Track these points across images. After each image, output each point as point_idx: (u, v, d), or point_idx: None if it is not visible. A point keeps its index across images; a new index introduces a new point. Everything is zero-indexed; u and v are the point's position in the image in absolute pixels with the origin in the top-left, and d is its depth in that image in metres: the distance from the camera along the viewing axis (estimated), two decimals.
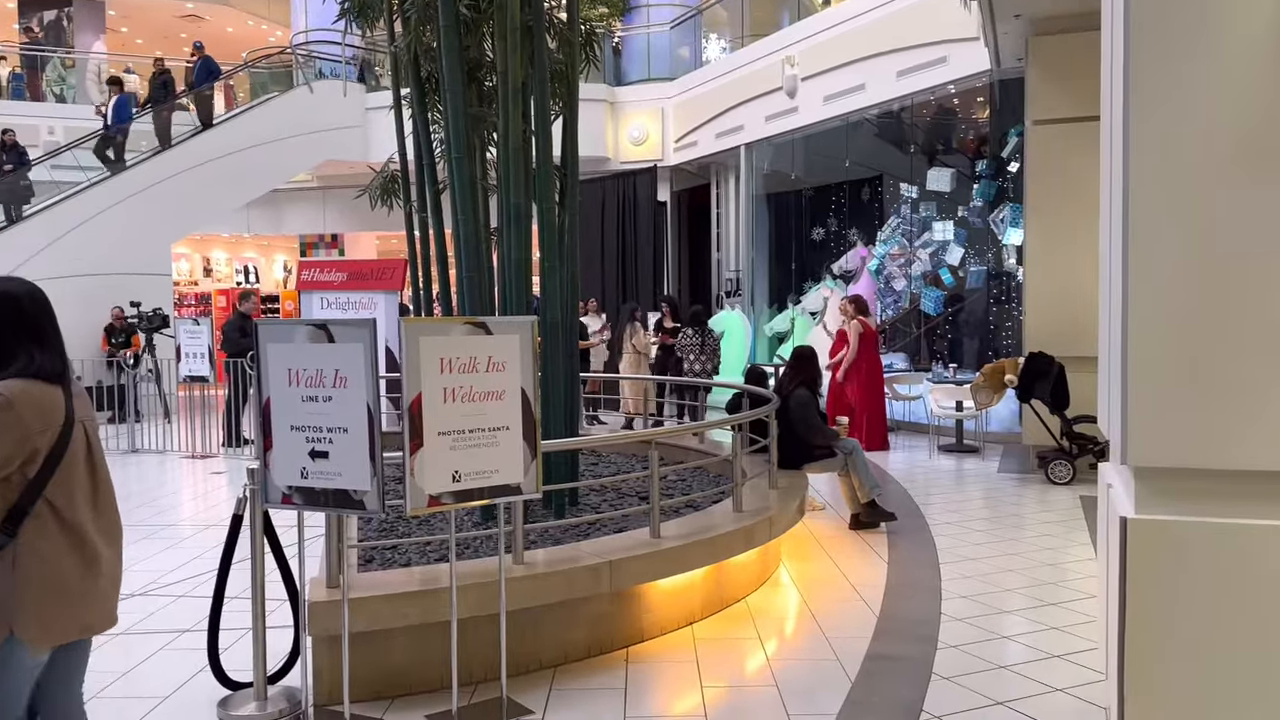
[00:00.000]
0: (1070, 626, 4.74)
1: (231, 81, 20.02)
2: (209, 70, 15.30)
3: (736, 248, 15.59)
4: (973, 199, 12.07)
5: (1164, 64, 2.84)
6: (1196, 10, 2.81)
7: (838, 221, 14.46)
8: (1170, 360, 2.82)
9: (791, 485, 6.04)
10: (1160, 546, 2.89)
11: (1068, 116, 8.80)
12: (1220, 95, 2.80)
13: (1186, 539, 2.87)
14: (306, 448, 3.68)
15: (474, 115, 6.06)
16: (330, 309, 9.37)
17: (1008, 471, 9.04)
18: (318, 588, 3.94)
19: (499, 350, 3.81)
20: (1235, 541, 2.82)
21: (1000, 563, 5.93)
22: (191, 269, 22.41)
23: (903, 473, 9.13)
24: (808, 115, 13.35)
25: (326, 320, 3.68)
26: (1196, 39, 2.82)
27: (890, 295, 13.24)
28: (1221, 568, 2.83)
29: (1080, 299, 8.57)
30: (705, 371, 11.23)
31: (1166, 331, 2.82)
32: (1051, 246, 8.83)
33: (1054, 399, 8.33)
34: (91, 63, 20.82)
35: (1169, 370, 2.82)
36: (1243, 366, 2.77)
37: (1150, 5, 2.85)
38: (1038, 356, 8.46)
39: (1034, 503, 7.74)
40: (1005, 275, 11.66)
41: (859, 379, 10.30)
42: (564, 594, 4.16)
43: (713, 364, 11.47)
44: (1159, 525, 2.87)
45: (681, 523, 4.99)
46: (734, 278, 15.67)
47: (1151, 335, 2.83)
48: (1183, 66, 2.83)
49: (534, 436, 3.89)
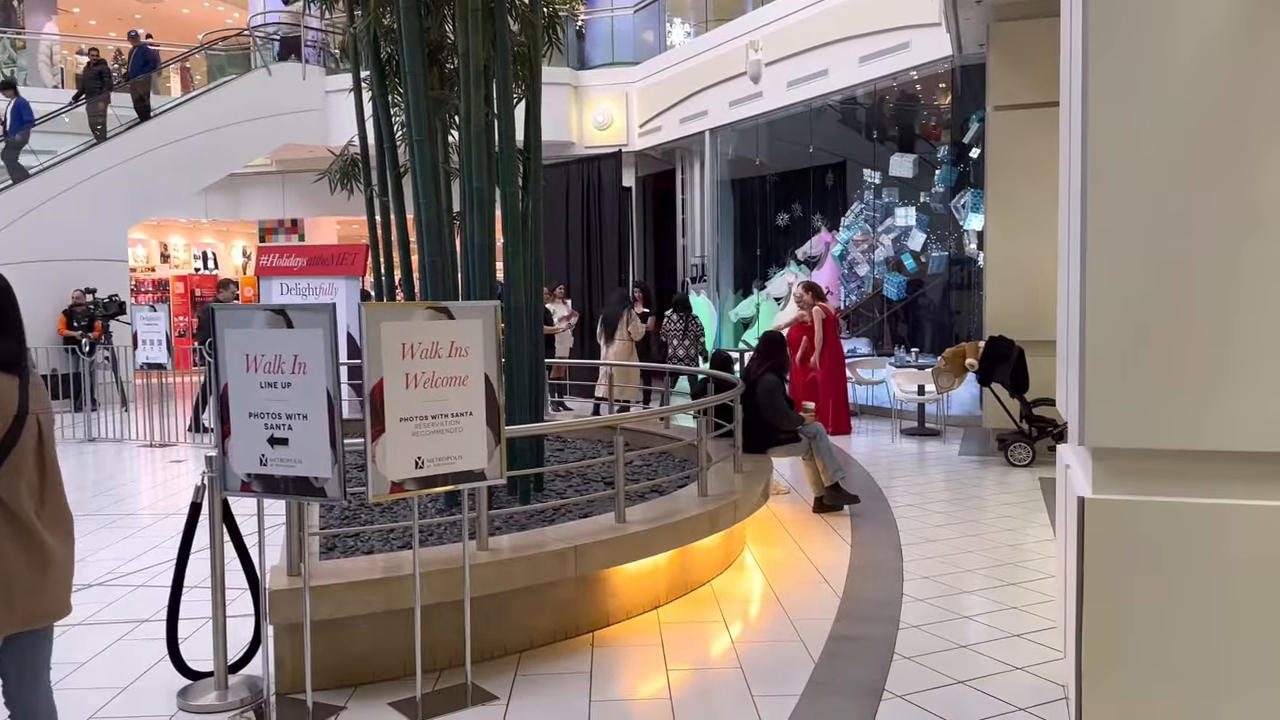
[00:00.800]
0: (1029, 606, 4.81)
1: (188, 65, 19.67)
2: (145, 60, 14.88)
3: (702, 233, 15.57)
4: (935, 185, 12.16)
5: (1121, 52, 2.87)
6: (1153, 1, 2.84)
7: (802, 207, 14.49)
8: (1126, 343, 2.86)
9: (756, 469, 6.07)
10: (1117, 526, 2.93)
11: (1028, 102, 8.87)
12: (1177, 84, 2.83)
13: (1143, 518, 2.91)
14: (265, 435, 3.62)
15: (436, 98, 5.99)
16: (290, 295, 9.25)
17: (968, 454, 9.14)
18: (279, 576, 3.89)
19: (461, 335, 3.78)
20: (1191, 521, 2.87)
21: (961, 544, 6.01)
22: (149, 255, 22.00)
23: (866, 456, 9.21)
24: (772, 100, 13.35)
25: (285, 305, 3.63)
26: (1154, 27, 2.84)
27: (854, 280, 13.31)
28: (1178, 547, 2.88)
29: (1040, 283, 8.67)
30: (689, 357, 11.32)
31: (1122, 315, 2.86)
32: (1012, 231, 8.92)
33: (1014, 382, 8.43)
34: (43, 44, 20.31)
35: (1125, 353, 2.86)
36: (1197, 349, 2.81)
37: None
38: (998, 340, 8.55)
39: (994, 485, 7.84)
40: (967, 260, 11.76)
41: (821, 363, 10.35)
42: (529, 580, 4.14)
43: (696, 348, 11.53)
44: (1116, 505, 2.92)
45: (646, 507, 4.99)
46: (699, 263, 15.67)
47: (1107, 318, 2.87)
48: (1140, 55, 2.85)
49: (498, 422, 3.87)
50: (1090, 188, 2.91)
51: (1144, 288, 2.85)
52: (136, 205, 14.68)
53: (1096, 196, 2.90)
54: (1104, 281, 2.87)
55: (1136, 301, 2.86)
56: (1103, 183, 2.89)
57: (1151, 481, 2.91)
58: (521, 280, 5.72)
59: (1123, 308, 2.86)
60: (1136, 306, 2.86)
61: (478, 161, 5.38)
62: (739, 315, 14.58)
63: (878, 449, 9.68)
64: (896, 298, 12.55)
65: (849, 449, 9.56)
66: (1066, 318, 3.46)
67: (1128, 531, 2.93)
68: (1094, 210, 2.90)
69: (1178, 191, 2.84)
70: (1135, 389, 2.87)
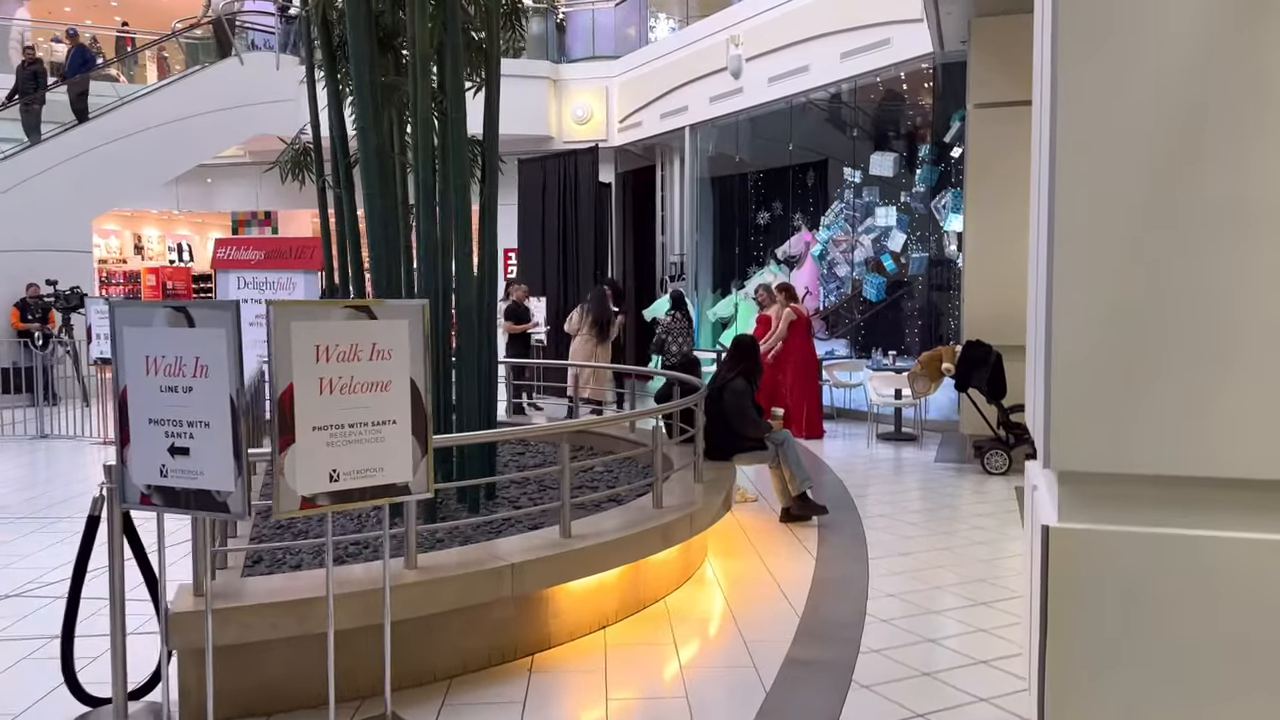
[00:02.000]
0: (999, 629, 4.54)
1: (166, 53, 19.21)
2: (83, 60, 14.41)
3: (681, 231, 15.28)
4: (916, 184, 11.90)
5: (1091, 52, 2.59)
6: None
7: (783, 206, 14.19)
8: (1097, 359, 2.58)
9: (718, 477, 5.78)
10: (1085, 557, 2.66)
11: (1008, 100, 8.62)
12: (1150, 87, 2.55)
13: (1114, 550, 2.64)
14: (166, 443, 3.31)
15: (388, 85, 5.68)
16: (247, 289, 8.91)
17: (944, 461, 8.89)
18: (184, 596, 3.58)
19: (385, 337, 3.47)
20: (1169, 554, 2.60)
21: (931, 558, 5.74)
22: (122, 246, 21.56)
23: (839, 462, 8.94)
24: (752, 97, 13.08)
25: (187, 303, 3.32)
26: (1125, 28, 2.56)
27: (833, 281, 13.03)
28: (1153, 582, 2.61)
29: (1019, 286, 8.33)
30: (684, 353, 11.09)
31: (1093, 329, 2.58)
32: (990, 232, 8.67)
33: (991, 388, 8.17)
34: (14, 30, 19.81)
35: (1095, 369, 2.58)
36: (1172, 367, 2.54)
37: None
38: (975, 345, 8.29)
39: (969, 494, 7.58)
40: (947, 262, 11.51)
41: (792, 366, 10.11)
42: (460, 601, 3.85)
43: (689, 345, 11.31)
44: (1083, 535, 2.64)
45: (596, 520, 4.69)
46: (678, 261, 15.37)
47: (1077, 332, 2.59)
48: (1110, 56, 2.57)
49: (425, 431, 3.56)
50: (1058, 189, 2.63)
51: (1116, 300, 2.57)
52: (102, 195, 14.28)
53: (1065, 198, 2.62)
54: (1073, 292, 2.59)
55: (1108, 314, 2.58)
56: (1071, 184, 2.61)
57: (1125, 509, 2.64)
58: (471, 278, 5.41)
59: (1092, 320, 2.59)
60: (1108, 320, 2.58)
61: (425, 151, 5.07)
62: (717, 315, 14.28)
63: (852, 455, 9.41)
64: (876, 299, 12.29)
65: (821, 454, 9.29)
66: (1035, 329, 3.18)
67: (1096, 564, 2.65)
68: (1062, 213, 2.62)
69: (1154, 193, 2.57)
70: (1107, 406, 2.59)
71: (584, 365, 10.02)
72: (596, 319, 10.74)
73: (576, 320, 10.93)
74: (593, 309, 10.90)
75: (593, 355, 10.66)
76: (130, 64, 19.57)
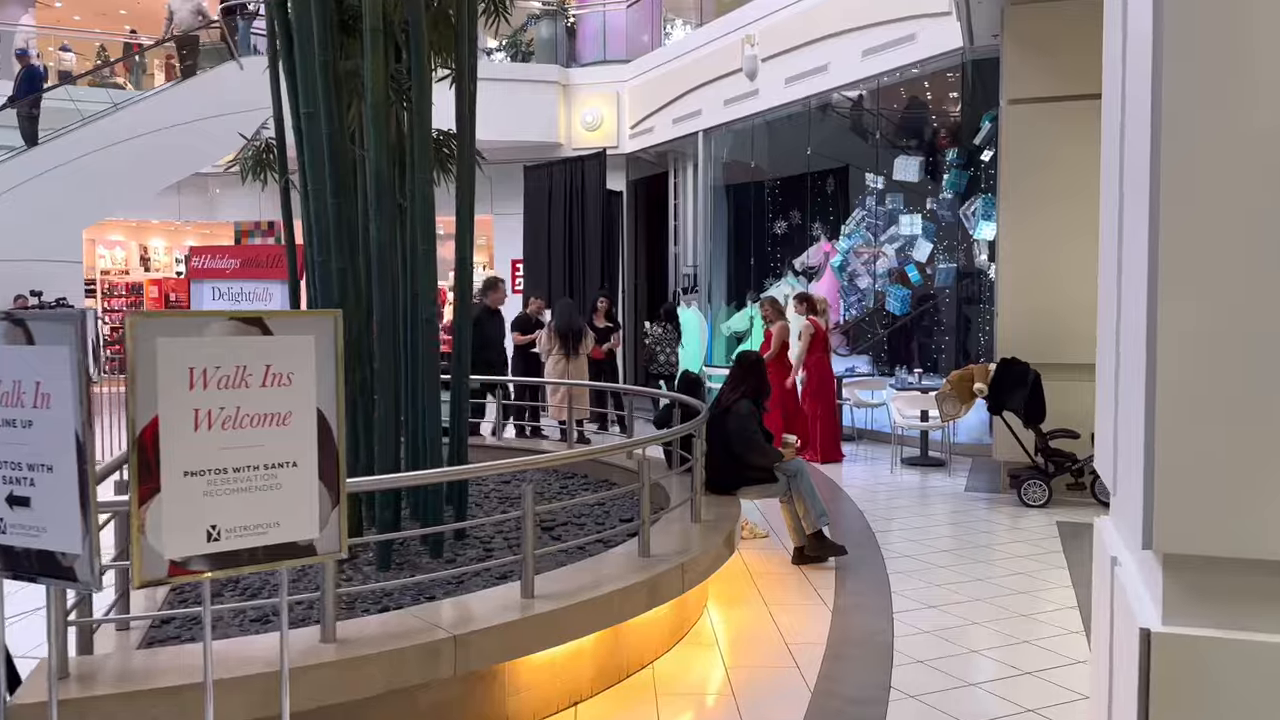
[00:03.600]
0: (1051, 708, 3.74)
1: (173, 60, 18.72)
2: (32, 81, 13.81)
3: (694, 241, 14.56)
4: (942, 190, 11.10)
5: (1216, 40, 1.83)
6: None
7: (801, 214, 13.40)
8: (1222, 404, 1.81)
9: (720, 517, 5.02)
10: (1200, 672, 1.88)
11: (1047, 95, 7.87)
12: None
13: (1239, 664, 1.86)
14: (4, 491, 2.61)
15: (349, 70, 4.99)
16: (221, 301, 8.27)
17: (976, 490, 8.08)
18: (37, 681, 2.86)
19: (283, 357, 2.75)
20: None
21: (966, 611, 4.94)
22: (127, 257, 21.09)
23: (860, 490, 8.15)
24: (768, 99, 12.35)
25: (26, 314, 2.62)
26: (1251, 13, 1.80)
27: (854, 293, 12.25)
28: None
29: (1059, 298, 7.64)
30: (672, 364, 10.64)
31: (1216, 364, 1.82)
32: (1027, 239, 7.88)
33: (1029, 411, 7.38)
34: (19, 37, 19.43)
35: (1219, 418, 1.81)
36: None
37: None
38: (1011, 363, 7.51)
39: (1005, 530, 6.78)
40: (977, 273, 10.71)
41: (808, 384, 9.34)
42: (387, 684, 3.11)
43: (676, 356, 10.69)
44: (1202, 644, 1.87)
45: (568, 574, 3.95)
46: (691, 273, 14.64)
47: (1194, 368, 1.83)
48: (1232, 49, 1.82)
49: (336, 475, 2.83)
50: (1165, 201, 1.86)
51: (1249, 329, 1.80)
52: (93, 204, 13.71)
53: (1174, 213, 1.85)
54: (1187, 320, 1.84)
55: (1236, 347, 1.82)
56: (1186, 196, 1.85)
57: (1253, 608, 1.86)
58: (432, 288, 4.70)
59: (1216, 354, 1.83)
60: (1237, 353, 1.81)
61: (377, 139, 4.37)
62: (732, 328, 13.55)
63: (874, 481, 8.62)
64: (900, 312, 11.50)
65: (840, 480, 8.51)
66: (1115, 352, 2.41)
67: (1216, 681, 1.88)
68: (1171, 230, 1.86)
69: None
70: (1233, 474, 1.83)
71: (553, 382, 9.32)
72: (560, 332, 9.97)
73: (545, 339, 10.18)
74: (557, 320, 10.14)
75: (565, 374, 9.91)
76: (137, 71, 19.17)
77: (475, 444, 7.86)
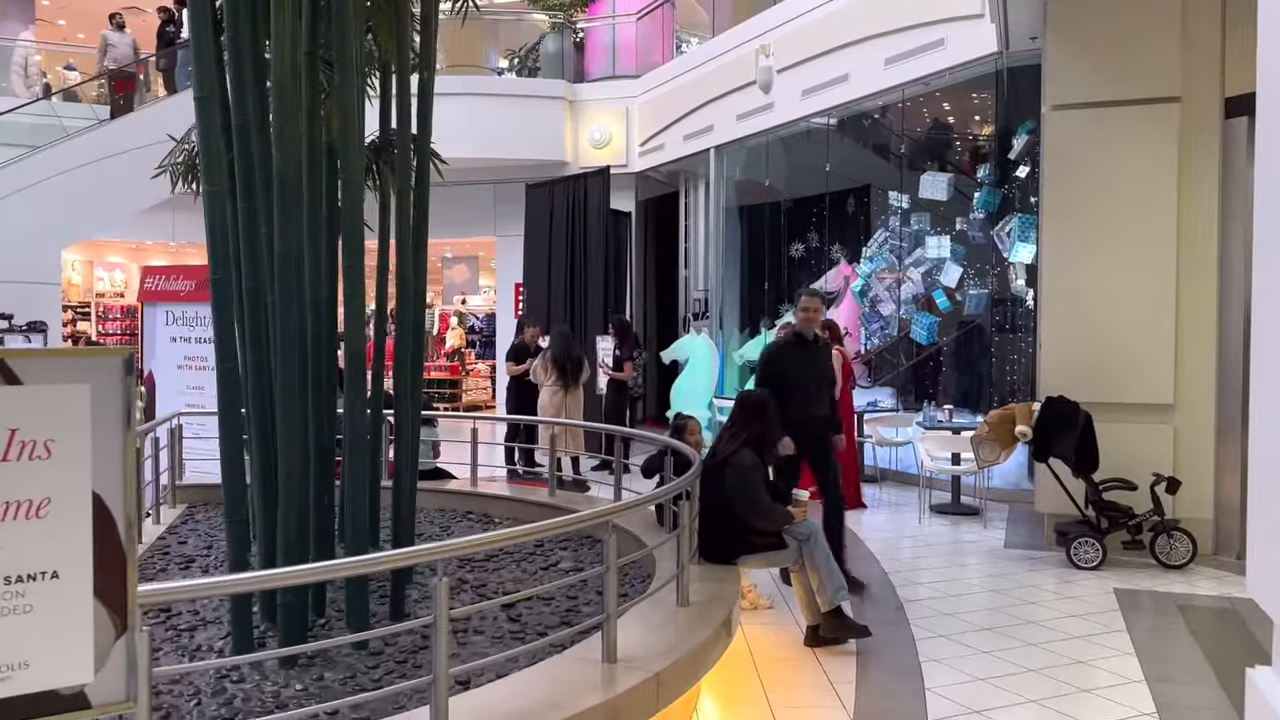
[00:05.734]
0: None
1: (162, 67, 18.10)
2: None
3: (705, 265, 13.71)
4: (973, 210, 10.22)
5: None
6: None
7: (819, 236, 12.56)
8: None
9: (714, 598, 4.08)
10: None
11: (1097, 101, 6.95)
12: None
13: None
14: None
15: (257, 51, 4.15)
16: (176, 325, 7.45)
17: (1017, 546, 7.09)
18: None
19: (37, 418, 1.86)
20: None
21: (1015, 717, 3.96)
22: (126, 280, 20.45)
23: (884, 544, 7.17)
24: (784, 112, 11.47)
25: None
26: None
27: (876, 321, 11.36)
28: None
29: (1114, 328, 6.72)
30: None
31: None
32: (1074, 260, 6.92)
33: (1079, 458, 6.42)
34: (18, 53, 18.90)
35: None
36: None
37: None
38: (1058, 403, 6.57)
39: (1053, 597, 5.79)
40: (1012, 299, 9.81)
41: None
42: None
43: None
44: None
45: (500, 693, 3.01)
46: (702, 298, 13.79)
47: None
48: None
49: (122, 588, 1.93)
50: None
51: None
52: (73, 223, 12.99)
53: None
54: None
55: None
56: None
57: None
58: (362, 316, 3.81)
59: None
60: None
61: (281, 120, 3.50)
62: (745, 358, 12.51)
63: (900, 533, 7.63)
64: (926, 341, 10.55)
65: (861, 531, 7.52)
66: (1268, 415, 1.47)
67: None
68: None
69: None
70: None
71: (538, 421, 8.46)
72: (557, 360, 9.12)
73: (540, 368, 9.32)
74: (553, 349, 9.29)
75: (562, 407, 9.04)
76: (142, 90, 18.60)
77: (453, 490, 7.03)
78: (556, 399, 9.19)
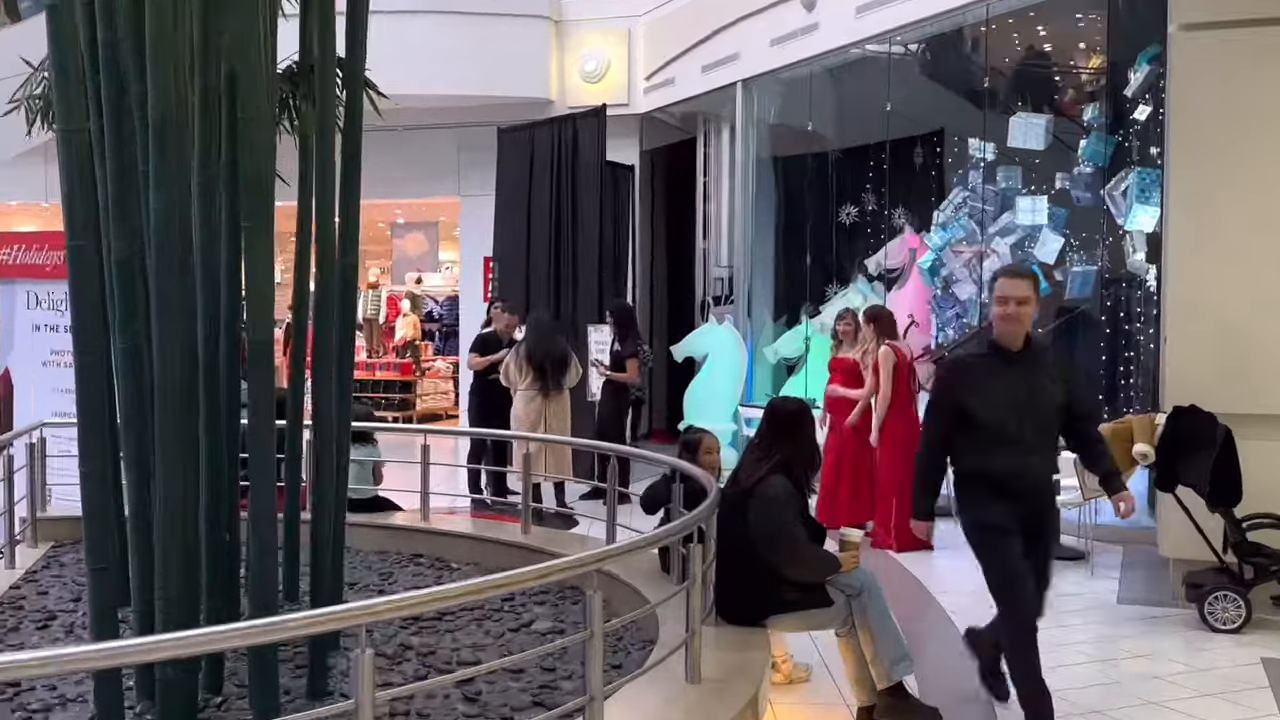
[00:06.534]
0: None
1: None
2: None
3: (730, 234, 13.96)
4: (1078, 163, 10.40)
5: None
6: None
7: (876, 197, 12.88)
8: None
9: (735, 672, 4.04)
10: None
11: (1241, 19, 6.97)
12: None
13: None
14: None
15: None
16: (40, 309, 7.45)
17: (1134, 601, 7.15)
18: None
19: None
20: None
21: None
22: None
23: (957, 597, 7.16)
24: (832, 36, 11.58)
25: None
26: None
27: (951, 305, 11.50)
28: None
29: (1261, 316, 6.80)
30: None
31: None
32: (1212, 229, 6.99)
33: (1215, 486, 6.50)
34: None
35: None
36: None
37: None
38: (1188, 414, 6.68)
39: (1183, 669, 5.81)
40: (1130, 279, 10.01)
41: (885, 438, 8.52)
42: None
43: None
44: None
45: None
46: (725, 277, 14.03)
47: None
48: None
49: None
50: None
51: None
52: None
53: None
54: None
55: None
56: None
57: None
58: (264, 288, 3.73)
59: None
60: None
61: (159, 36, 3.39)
62: (780, 354, 12.91)
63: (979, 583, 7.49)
64: None
65: (929, 578, 7.63)
66: None
67: None
68: None
69: None
70: None
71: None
72: (533, 358, 9.16)
73: (511, 367, 9.35)
74: (527, 342, 9.33)
75: (541, 418, 9.04)
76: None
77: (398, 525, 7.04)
78: (533, 407, 9.19)
